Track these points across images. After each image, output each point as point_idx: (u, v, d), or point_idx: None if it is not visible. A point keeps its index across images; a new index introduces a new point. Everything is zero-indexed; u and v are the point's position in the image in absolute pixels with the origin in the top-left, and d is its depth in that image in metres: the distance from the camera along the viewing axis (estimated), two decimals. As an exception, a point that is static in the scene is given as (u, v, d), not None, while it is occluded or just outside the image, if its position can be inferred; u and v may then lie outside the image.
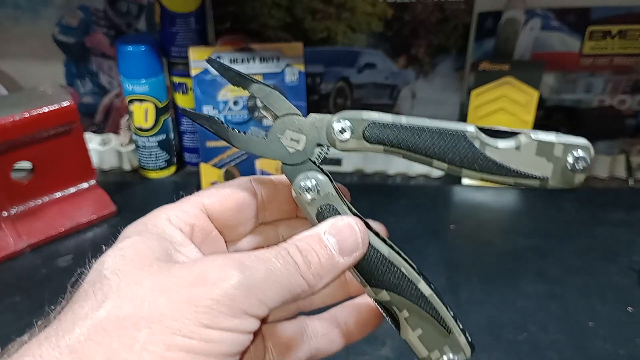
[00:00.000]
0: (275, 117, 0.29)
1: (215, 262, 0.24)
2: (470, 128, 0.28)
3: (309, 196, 0.29)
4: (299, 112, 0.29)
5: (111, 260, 0.25)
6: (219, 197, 0.30)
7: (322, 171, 0.30)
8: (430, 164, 0.28)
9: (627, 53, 0.83)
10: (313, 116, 0.29)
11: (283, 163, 0.29)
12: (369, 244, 0.29)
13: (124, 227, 0.28)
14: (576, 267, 0.66)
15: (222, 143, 0.78)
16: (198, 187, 0.79)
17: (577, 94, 0.87)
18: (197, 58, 0.74)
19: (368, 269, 0.29)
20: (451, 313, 0.29)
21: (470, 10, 0.81)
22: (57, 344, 0.22)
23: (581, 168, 0.27)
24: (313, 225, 0.29)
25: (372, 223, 0.30)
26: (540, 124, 0.85)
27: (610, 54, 0.83)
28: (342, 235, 0.28)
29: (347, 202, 0.30)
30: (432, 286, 0.29)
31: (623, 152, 0.82)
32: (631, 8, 0.80)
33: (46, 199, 0.72)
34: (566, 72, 0.85)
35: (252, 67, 0.75)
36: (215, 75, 0.75)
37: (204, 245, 0.29)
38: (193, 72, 0.74)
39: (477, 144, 0.28)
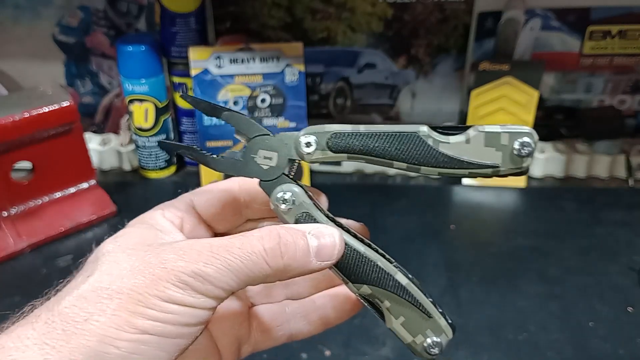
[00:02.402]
0: (248, 139, 0.32)
1: (179, 251, 0.28)
2: (423, 128, 0.31)
3: (285, 207, 0.31)
4: (269, 132, 0.32)
5: (106, 245, 0.31)
6: (206, 195, 0.35)
7: (296, 183, 0.32)
8: (391, 166, 0.31)
9: (627, 53, 0.83)
10: (281, 134, 0.32)
11: (260, 180, 0.32)
12: (346, 243, 0.31)
13: (124, 227, 0.33)
14: (576, 267, 0.66)
15: (222, 143, 0.78)
16: (198, 187, 0.79)
17: (577, 94, 0.87)
18: (197, 58, 0.74)
19: (348, 267, 0.31)
20: (430, 299, 0.31)
21: (470, 10, 0.81)
22: (52, 309, 0.27)
23: (527, 152, 0.29)
24: None
25: (352, 223, 0.34)
26: (540, 124, 0.85)
27: (610, 54, 0.83)
28: (324, 241, 0.30)
29: (322, 208, 0.32)
30: (409, 276, 0.32)
31: (623, 152, 0.82)
32: (631, 8, 0.80)
33: (46, 199, 0.72)
34: (566, 72, 0.85)
35: (252, 67, 0.75)
36: (215, 75, 0.75)
37: (192, 235, 0.34)
38: (193, 72, 0.74)
39: (430, 142, 0.31)
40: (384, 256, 0.32)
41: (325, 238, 0.30)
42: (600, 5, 0.80)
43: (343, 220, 0.32)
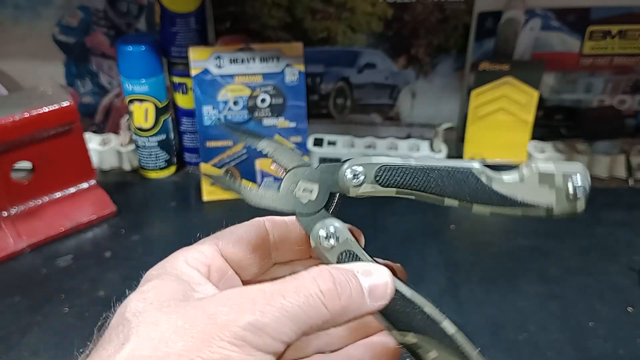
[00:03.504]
0: (286, 170, 0.30)
1: (227, 301, 0.25)
2: (475, 164, 0.29)
3: (328, 244, 0.29)
4: (308, 163, 0.30)
5: (133, 304, 0.26)
6: (233, 238, 0.32)
7: (337, 218, 0.30)
8: (442, 203, 0.29)
9: (627, 53, 0.83)
10: (323, 165, 0.30)
11: (298, 214, 0.30)
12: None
13: (124, 227, 0.30)
14: (576, 267, 0.66)
15: (222, 143, 0.78)
16: (198, 187, 0.79)
17: (577, 94, 0.87)
18: (197, 58, 0.74)
19: (394, 312, 0.29)
20: (477, 349, 0.30)
21: (470, 10, 0.81)
22: None
23: (581, 195, 0.29)
24: None
25: (390, 264, 0.31)
26: (540, 124, 0.85)
27: (610, 54, 0.83)
28: (376, 280, 0.28)
29: (361, 247, 0.30)
30: (454, 325, 0.30)
31: (623, 152, 0.82)
32: (631, 8, 0.80)
33: (46, 199, 0.72)
34: (566, 72, 0.85)
35: (252, 67, 0.75)
36: (215, 75, 0.75)
37: (221, 284, 0.30)
38: (193, 72, 0.74)
39: (484, 179, 0.29)
40: (427, 301, 0.30)
41: (377, 277, 0.28)
42: (600, 5, 0.80)
43: (380, 261, 0.31)
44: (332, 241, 0.29)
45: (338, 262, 0.29)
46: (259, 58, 0.75)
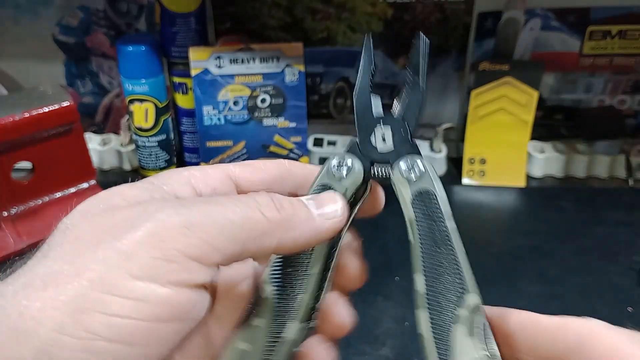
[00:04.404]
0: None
1: (150, 205, 0.22)
2: None
3: (338, 173, 0.28)
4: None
5: (71, 214, 0.24)
6: (251, 168, 0.28)
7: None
8: None
9: (627, 53, 0.83)
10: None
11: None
12: None
13: None
14: (576, 267, 0.66)
15: (222, 143, 0.78)
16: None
17: (577, 94, 0.87)
18: (197, 58, 0.74)
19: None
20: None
21: (470, 10, 0.81)
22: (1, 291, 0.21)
23: None
24: None
25: None
26: (540, 124, 0.85)
27: (610, 54, 0.83)
28: (324, 204, 0.27)
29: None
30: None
31: (623, 152, 0.82)
32: (631, 8, 0.80)
33: (46, 199, 0.72)
34: (566, 72, 0.85)
35: (252, 67, 0.75)
36: (215, 75, 0.75)
37: None
38: (193, 72, 0.74)
39: None
40: None
41: (327, 201, 0.26)
42: (600, 5, 0.80)
43: None
44: (343, 171, 0.28)
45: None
46: (259, 58, 0.75)
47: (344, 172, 0.28)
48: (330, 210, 0.26)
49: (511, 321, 0.25)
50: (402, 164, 0.27)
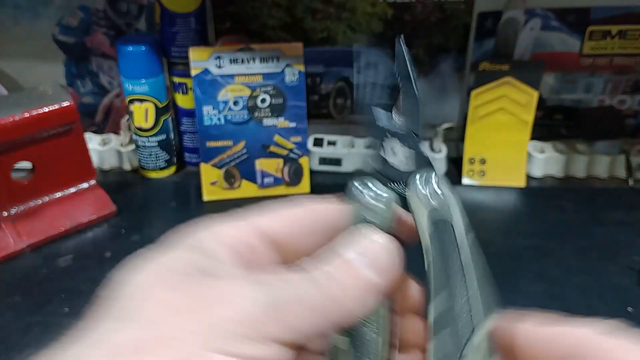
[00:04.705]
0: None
1: (234, 281, 0.22)
2: None
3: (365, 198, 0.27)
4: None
5: (139, 275, 0.23)
6: (283, 220, 0.27)
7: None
8: None
9: (627, 53, 0.83)
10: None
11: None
12: None
13: (124, 227, 0.27)
14: (576, 267, 0.66)
15: (222, 143, 0.78)
16: (198, 187, 0.79)
17: (577, 94, 0.87)
18: (197, 58, 0.74)
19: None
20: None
21: (470, 10, 0.81)
22: None
23: None
24: None
25: None
26: (540, 124, 0.85)
27: (610, 54, 0.83)
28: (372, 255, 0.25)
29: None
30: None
31: (623, 152, 0.82)
32: (631, 8, 0.80)
33: (46, 199, 0.72)
34: (566, 72, 0.85)
35: (252, 67, 0.75)
36: (215, 75, 0.75)
37: (252, 269, 0.25)
38: (193, 72, 0.74)
39: None
40: None
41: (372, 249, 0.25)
42: (600, 5, 0.80)
43: None
44: (372, 198, 0.26)
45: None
46: (259, 58, 0.75)
47: (375, 200, 0.27)
48: (389, 268, 0.25)
49: (513, 332, 0.25)
50: (418, 183, 0.27)
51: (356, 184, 0.27)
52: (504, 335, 0.25)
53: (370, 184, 0.27)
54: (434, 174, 0.27)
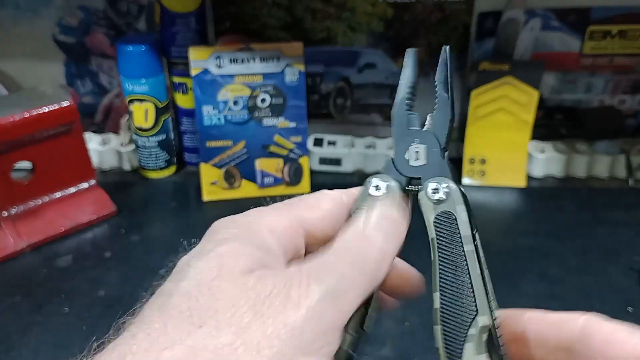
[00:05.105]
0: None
1: (294, 279, 0.23)
2: None
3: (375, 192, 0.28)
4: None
5: (206, 269, 0.23)
6: (319, 213, 0.28)
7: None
8: None
9: (627, 53, 0.83)
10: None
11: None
12: None
13: (124, 227, 0.27)
14: (576, 267, 0.66)
15: (222, 143, 0.78)
16: (198, 187, 0.79)
17: (577, 94, 0.87)
18: (197, 58, 0.74)
19: None
20: None
21: (470, 10, 0.81)
22: None
23: None
24: None
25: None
26: (540, 124, 0.85)
27: (610, 54, 0.83)
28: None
29: None
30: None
31: (623, 152, 0.82)
32: (631, 8, 0.80)
33: (46, 199, 0.72)
34: (566, 72, 0.85)
35: (252, 67, 0.75)
36: (215, 75, 0.75)
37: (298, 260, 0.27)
38: (193, 72, 0.74)
39: None
40: None
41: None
42: (600, 5, 0.80)
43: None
44: (380, 191, 0.28)
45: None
46: (259, 58, 0.75)
47: (381, 192, 0.28)
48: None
49: (522, 320, 0.26)
50: (431, 185, 0.28)
51: (372, 179, 0.28)
52: (514, 321, 0.26)
53: (383, 180, 0.28)
54: (448, 180, 0.28)
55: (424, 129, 0.29)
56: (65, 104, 0.68)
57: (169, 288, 0.23)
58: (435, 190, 0.28)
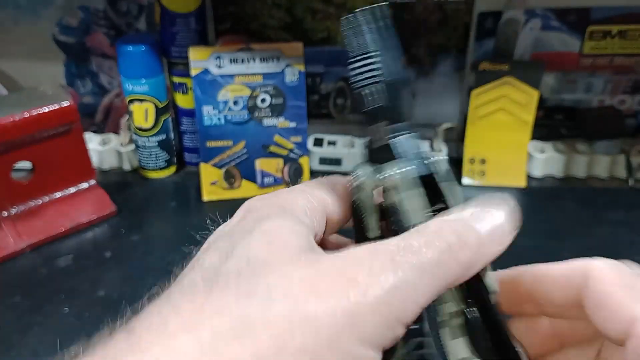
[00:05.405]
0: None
1: (364, 260, 0.21)
2: None
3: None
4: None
5: (257, 246, 0.22)
6: (337, 197, 0.27)
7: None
8: None
9: (627, 53, 0.83)
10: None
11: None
12: None
13: (124, 227, 0.27)
14: (576, 267, 0.66)
15: (222, 143, 0.77)
16: (198, 187, 0.79)
17: (577, 94, 0.87)
18: (197, 58, 0.74)
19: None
20: None
21: (470, 10, 0.81)
22: (194, 335, 0.19)
23: None
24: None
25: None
26: (540, 124, 0.85)
27: (610, 54, 0.83)
28: (489, 223, 0.26)
29: None
30: None
31: (623, 152, 0.82)
32: (631, 8, 0.80)
33: (46, 199, 0.72)
34: (566, 72, 0.85)
35: (252, 67, 0.75)
36: (215, 75, 0.75)
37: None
38: (193, 72, 0.74)
39: None
40: None
41: (490, 219, 0.25)
42: (600, 5, 0.80)
43: None
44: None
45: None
46: (259, 58, 0.75)
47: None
48: (499, 236, 0.26)
49: (526, 280, 0.27)
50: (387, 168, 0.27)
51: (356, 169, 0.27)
52: (516, 283, 0.27)
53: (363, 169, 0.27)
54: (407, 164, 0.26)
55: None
56: (65, 104, 0.68)
57: (211, 264, 0.22)
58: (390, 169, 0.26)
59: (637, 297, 0.23)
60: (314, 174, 0.82)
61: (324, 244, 0.27)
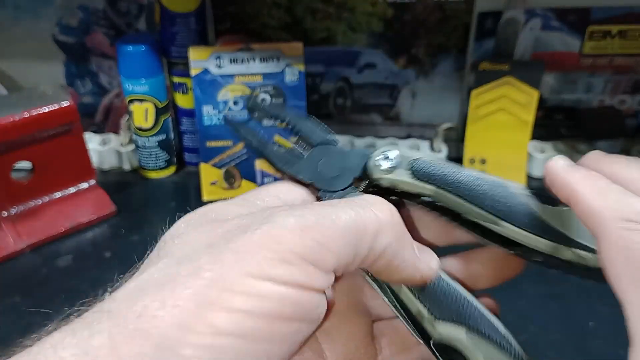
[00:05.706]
0: (312, 145, 0.30)
1: (262, 212, 0.23)
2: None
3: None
4: (336, 141, 0.29)
5: (175, 227, 0.26)
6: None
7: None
8: (484, 219, 0.25)
9: (627, 53, 0.83)
10: (353, 150, 0.29)
11: (320, 189, 0.28)
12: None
13: (124, 227, 0.29)
14: (576, 267, 0.66)
15: (222, 143, 0.78)
16: (198, 187, 0.79)
17: (577, 94, 0.87)
18: (197, 58, 0.74)
19: (434, 295, 0.25)
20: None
21: (470, 10, 0.81)
22: (100, 309, 0.22)
23: None
24: None
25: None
26: (540, 124, 0.85)
27: (610, 54, 0.83)
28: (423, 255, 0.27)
29: None
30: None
31: (623, 152, 0.82)
32: (631, 8, 0.80)
33: (46, 199, 0.72)
34: (566, 72, 0.85)
35: (252, 67, 0.75)
36: (215, 75, 0.75)
37: None
38: (193, 72, 0.74)
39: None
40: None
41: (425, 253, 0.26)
42: (600, 5, 0.80)
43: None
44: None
45: None
46: (259, 58, 0.75)
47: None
48: (432, 263, 0.27)
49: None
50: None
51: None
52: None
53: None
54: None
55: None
56: (65, 104, 0.68)
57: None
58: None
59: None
60: (314, 174, 0.81)
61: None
